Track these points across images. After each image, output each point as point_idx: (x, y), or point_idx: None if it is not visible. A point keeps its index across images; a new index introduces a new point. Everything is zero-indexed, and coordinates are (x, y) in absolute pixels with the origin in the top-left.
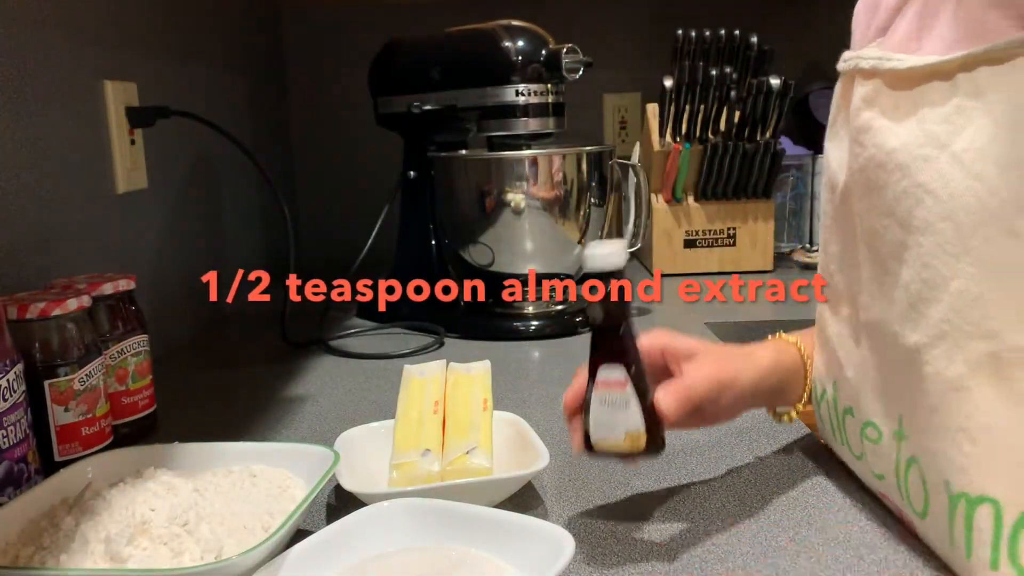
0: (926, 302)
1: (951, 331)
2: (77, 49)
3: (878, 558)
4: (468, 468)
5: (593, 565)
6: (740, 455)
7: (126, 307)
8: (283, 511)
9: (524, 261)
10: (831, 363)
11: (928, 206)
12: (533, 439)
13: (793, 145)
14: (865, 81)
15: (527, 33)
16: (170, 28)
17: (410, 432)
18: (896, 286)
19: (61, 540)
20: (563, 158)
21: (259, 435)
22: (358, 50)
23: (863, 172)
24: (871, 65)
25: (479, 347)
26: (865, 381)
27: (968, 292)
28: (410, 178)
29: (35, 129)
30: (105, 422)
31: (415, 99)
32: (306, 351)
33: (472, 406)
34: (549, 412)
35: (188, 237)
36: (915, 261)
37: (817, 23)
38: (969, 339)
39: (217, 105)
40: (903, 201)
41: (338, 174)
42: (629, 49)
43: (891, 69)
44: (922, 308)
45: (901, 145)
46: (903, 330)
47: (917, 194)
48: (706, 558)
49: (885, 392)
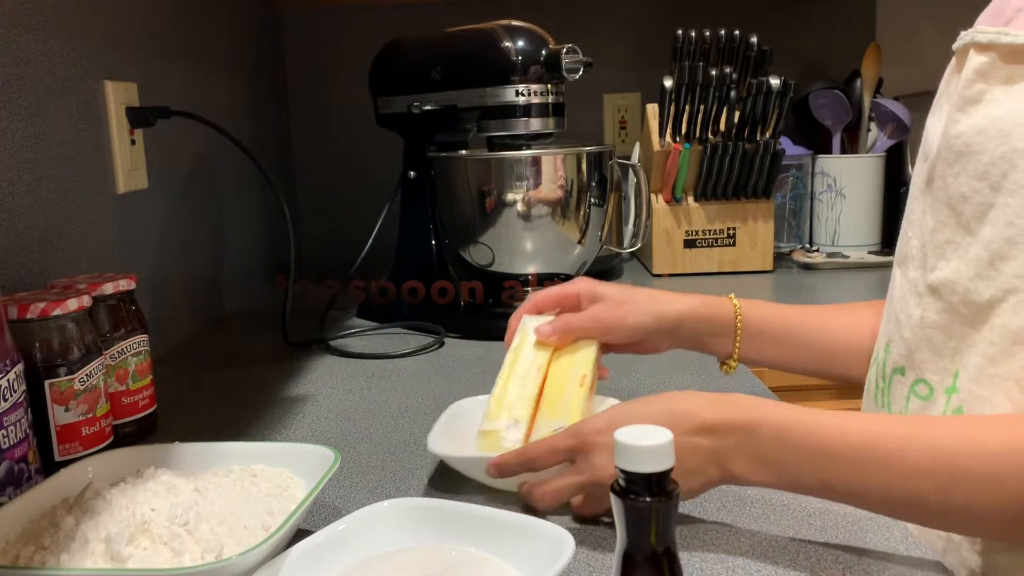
0: (1004, 259)
1: (1023, 286)
2: (77, 49)
3: (878, 558)
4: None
5: (593, 565)
6: None
7: (126, 307)
8: (283, 511)
9: (524, 261)
10: (889, 323)
11: (1021, 169)
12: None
13: (793, 145)
14: (980, 54)
15: (527, 33)
16: (170, 28)
17: (505, 398)
18: (975, 245)
19: (61, 540)
20: (563, 158)
21: (259, 435)
22: (358, 50)
23: (959, 138)
24: (988, 39)
25: (479, 347)
26: (924, 339)
27: None
28: (410, 178)
29: (35, 129)
30: (105, 422)
31: (415, 99)
32: (306, 351)
33: (570, 380)
34: None
35: (188, 237)
36: (999, 220)
37: (817, 23)
38: None
39: (217, 105)
40: (999, 164)
41: (338, 174)
42: (629, 49)
43: (1008, 43)
44: (999, 265)
45: (1007, 113)
46: (976, 286)
47: (1013, 159)
48: (706, 558)
49: (944, 349)
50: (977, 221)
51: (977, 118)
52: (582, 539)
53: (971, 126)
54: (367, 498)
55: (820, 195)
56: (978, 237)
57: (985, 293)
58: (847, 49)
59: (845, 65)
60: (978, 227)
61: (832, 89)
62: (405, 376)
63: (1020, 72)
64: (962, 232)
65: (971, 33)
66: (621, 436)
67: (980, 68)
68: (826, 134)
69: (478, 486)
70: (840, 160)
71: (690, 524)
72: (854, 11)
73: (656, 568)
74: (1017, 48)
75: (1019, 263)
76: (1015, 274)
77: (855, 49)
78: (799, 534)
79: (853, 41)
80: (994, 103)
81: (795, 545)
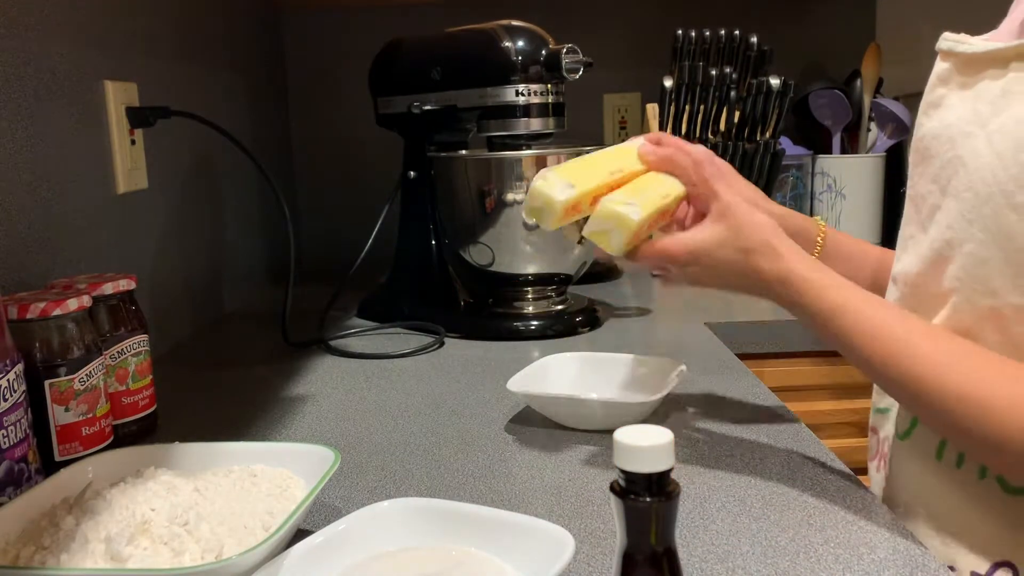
0: (945, 260)
1: (961, 287)
2: (77, 49)
3: (878, 558)
4: (612, 213)
5: (593, 565)
6: (740, 455)
7: (126, 307)
8: (283, 511)
9: (524, 261)
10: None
11: (960, 176)
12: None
13: (793, 145)
14: (942, 61)
15: (527, 33)
16: (170, 28)
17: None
18: (924, 242)
19: (61, 540)
20: (563, 158)
21: (259, 435)
22: (358, 50)
23: (922, 141)
24: (947, 47)
25: (479, 347)
26: None
27: (976, 255)
28: (410, 178)
29: (35, 129)
30: (105, 422)
31: (415, 99)
32: (306, 351)
33: (653, 187)
34: None
35: (188, 237)
36: (942, 222)
37: (817, 23)
38: (977, 295)
39: (217, 105)
40: (946, 169)
41: (338, 174)
42: (629, 49)
43: (962, 52)
44: (941, 264)
45: (956, 120)
46: (924, 280)
47: (956, 165)
48: (706, 558)
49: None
50: (929, 220)
51: (934, 122)
52: (582, 539)
53: (930, 130)
54: (367, 498)
55: (820, 195)
56: (928, 235)
57: (931, 288)
58: (847, 49)
59: (845, 65)
60: (929, 225)
61: (832, 89)
62: (405, 376)
63: (973, 81)
64: (919, 229)
65: (941, 39)
66: (621, 436)
67: (941, 74)
68: (826, 134)
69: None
70: (840, 160)
71: (690, 524)
72: (854, 11)
73: (656, 568)
74: (971, 57)
75: (956, 265)
76: (954, 275)
77: (855, 49)
78: (799, 534)
79: (853, 41)
80: (949, 108)
81: (795, 545)
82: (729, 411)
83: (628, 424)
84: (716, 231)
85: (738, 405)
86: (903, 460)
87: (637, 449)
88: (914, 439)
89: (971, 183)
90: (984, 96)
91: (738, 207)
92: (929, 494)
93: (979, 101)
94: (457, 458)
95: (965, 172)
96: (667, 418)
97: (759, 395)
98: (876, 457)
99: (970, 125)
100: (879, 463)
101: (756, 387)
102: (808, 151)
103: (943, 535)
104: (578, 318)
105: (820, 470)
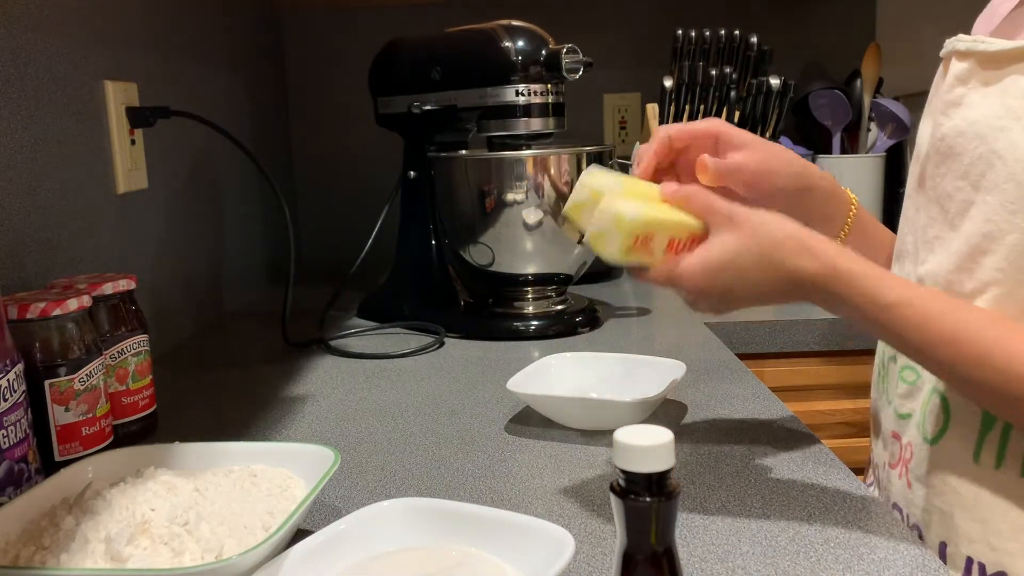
0: (984, 253)
1: (1004, 279)
2: (77, 49)
3: (878, 558)
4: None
5: (593, 565)
6: (740, 455)
7: (126, 307)
8: (283, 511)
9: (524, 261)
10: None
11: (997, 169)
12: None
13: (793, 145)
14: (960, 62)
15: (527, 33)
16: (170, 28)
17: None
18: (957, 240)
19: (61, 540)
20: (563, 158)
21: (259, 435)
22: (358, 50)
23: (944, 140)
24: (967, 47)
25: (479, 347)
26: None
27: (1021, 244)
28: (410, 178)
29: (35, 129)
30: (105, 422)
31: (415, 99)
32: (306, 351)
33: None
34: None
35: (188, 237)
36: (979, 216)
37: (817, 23)
38: (1019, 286)
39: (217, 105)
40: (978, 165)
41: (338, 174)
42: (629, 49)
43: (984, 50)
44: (979, 258)
45: (982, 117)
46: (958, 278)
47: (990, 159)
48: (706, 558)
49: None
50: (960, 217)
51: (957, 121)
52: (582, 539)
53: (952, 128)
54: (367, 498)
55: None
56: (960, 232)
57: (967, 285)
58: (847, 49)
59: (845, 65)
60: (960, 223)
61: (832, 89)
62: (405, 376)
63: (994, 77)
64: (947, 228)
65: (953, 42)
66: (621, 436)
67: (959, 74)
68: (826, 134)
69: (478, 487)
70: (840, 160)
71: (690, 524)
72: (854, 11)
73: (656, 568)
74: (991, 55)
75: (998, 256)
76: (994, 267)
77: (855, 49)
78: (799, 534)
79: (853, 41)
80: (972, 107)
81: (795, 545)
82: (729, 411)
83: (628, 424)
84: (728, 240)
85: (738, 405)
86: (934, 465)
87: (637, 449)
88: (945, 443)
89: (1012, 174)
90: (1012, 91)
91: (741, 211)
92: (969, 498)
93: (1007, 96)
94: (457, 458)
95: (1003, 165)
96: (667, 418)
97: (759, 395)
98: (898, 463)
99: (1001, 120)
100: (901, 469)
101: (756, 387)
102: (808, 151)
103: (990, 539)
104: (578, 318)
105: (820, 470)
